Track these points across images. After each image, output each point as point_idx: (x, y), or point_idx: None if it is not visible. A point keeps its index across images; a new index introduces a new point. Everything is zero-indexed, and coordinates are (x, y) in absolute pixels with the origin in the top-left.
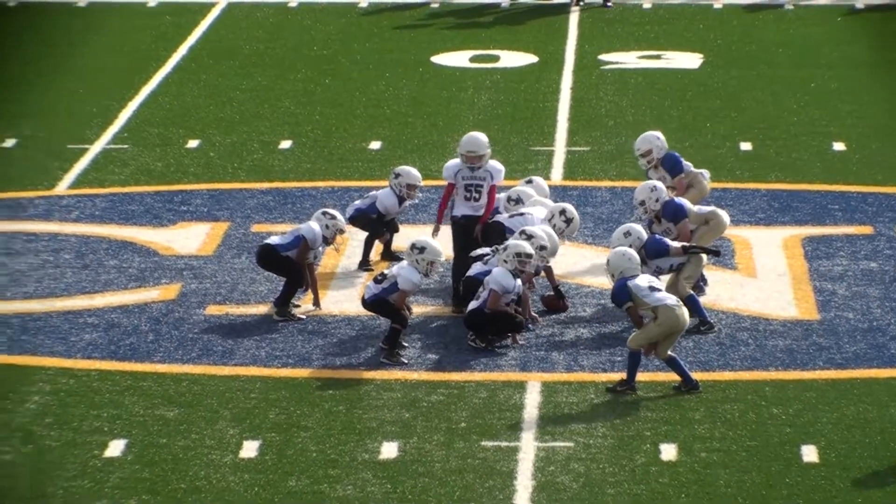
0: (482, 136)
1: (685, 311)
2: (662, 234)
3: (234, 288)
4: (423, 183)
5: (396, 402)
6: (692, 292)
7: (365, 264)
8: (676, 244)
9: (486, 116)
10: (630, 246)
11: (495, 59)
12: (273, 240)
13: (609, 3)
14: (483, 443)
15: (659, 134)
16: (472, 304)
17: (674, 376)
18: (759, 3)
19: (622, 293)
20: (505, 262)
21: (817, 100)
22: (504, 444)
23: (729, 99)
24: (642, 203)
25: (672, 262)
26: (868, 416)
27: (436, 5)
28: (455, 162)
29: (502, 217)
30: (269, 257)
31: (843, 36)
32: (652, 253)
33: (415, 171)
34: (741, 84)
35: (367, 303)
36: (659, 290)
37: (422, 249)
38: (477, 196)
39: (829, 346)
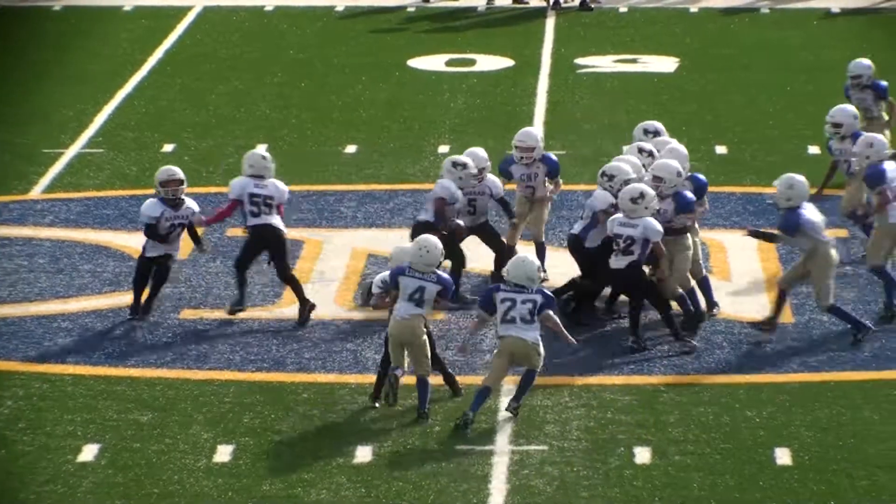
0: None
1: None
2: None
3: (209, 292)
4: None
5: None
6: (681, 291)
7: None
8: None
9: (462, 120)
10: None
11: (471, 62)
12: (422, 217)
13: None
14: (458, 446)
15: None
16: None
17: (648, 379)
18: (735, 7)
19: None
20: None
21: (793, 103)
22: (478, 447)
23: (704, 102)
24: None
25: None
26: (841, 419)
27: (412, 9)
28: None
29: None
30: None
31: (819, 40)
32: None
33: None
34: (717, 88)
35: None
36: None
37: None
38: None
39: (803, 348)
